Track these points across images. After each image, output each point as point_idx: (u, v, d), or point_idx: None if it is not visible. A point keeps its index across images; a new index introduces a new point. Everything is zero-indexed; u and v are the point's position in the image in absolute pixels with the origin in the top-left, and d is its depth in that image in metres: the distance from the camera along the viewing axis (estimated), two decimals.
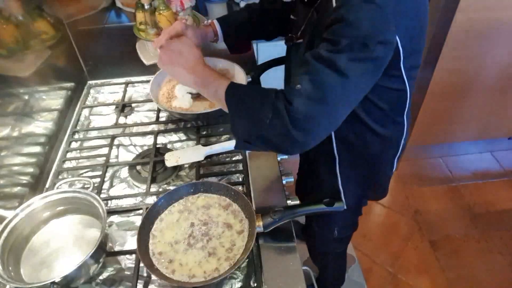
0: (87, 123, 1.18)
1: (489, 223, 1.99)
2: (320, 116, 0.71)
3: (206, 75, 0.83)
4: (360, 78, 0.71)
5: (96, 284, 0.79)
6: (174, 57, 0.85)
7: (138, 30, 1.53)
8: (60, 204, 0.86)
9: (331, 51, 0.69)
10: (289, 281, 0.74)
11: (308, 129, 0.72)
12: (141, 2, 1.44)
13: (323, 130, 0.74)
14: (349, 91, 0.71)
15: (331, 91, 0.70)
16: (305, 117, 0.70)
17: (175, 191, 0.87)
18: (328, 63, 0.69)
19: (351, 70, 0.69)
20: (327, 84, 0.70)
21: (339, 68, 0.68)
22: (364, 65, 0.70)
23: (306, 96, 0.70)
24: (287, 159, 1.08)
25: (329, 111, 0.71)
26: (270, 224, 0.78)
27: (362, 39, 0.68)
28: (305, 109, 0.70)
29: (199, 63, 0.85)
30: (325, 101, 0.70)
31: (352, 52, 0.68)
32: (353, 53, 0.68)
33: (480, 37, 1.73)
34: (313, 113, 0.70)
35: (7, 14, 0.95)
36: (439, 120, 2.09)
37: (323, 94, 0.70)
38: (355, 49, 0.68)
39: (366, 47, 0.68)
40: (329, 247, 1.43)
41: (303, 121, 0.70)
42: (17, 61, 0.99)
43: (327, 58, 0.70)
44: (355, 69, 0.69)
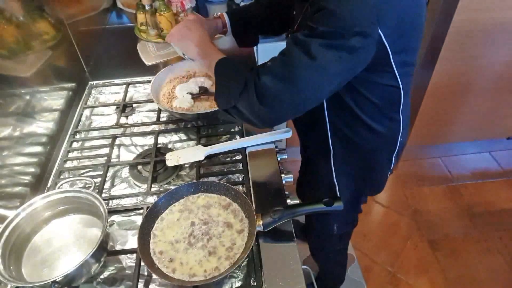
0: (88, 123, 1.19)
1: (488, 223, 1.99)
2: (284, 94, 0.74)
3: (208, 48, 0.92)
4: (330, 65, 0.72)
5: (97, 283, 0.79)
6: (183, 31, 0.96)
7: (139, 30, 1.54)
8: (61, 203, 0.86)
9: (307, 35, 0.72)
10: (288, 280, 0.75)
11: (272, 105, 0.75)
12: (142, 3, 1.44)
13: (287, 109, 0.77)
14: (316, 75, 0.73)
15: (297, 71, 0.72)
16: (269, 93, 0.74)
17: (175, 191, 0.88)
18: (302, 46, 0.72)
19: (321, 55, 0.70)
20: (294, 64, 0.72)
21: (310, 51, 0.71)
22: (337, 53, 0.71)
23: (274, 73, 0.74)
24: (287, 159, 1.09)
25: (293, 90, 0.73)
26: (270, 223, 0.79)
27: (339, 28, 0.70)
28: (271, 85, 0.74)
29: (204, 39, 0.94)
30: (290, 80, 0.73)
31: (326, 38, 0.70)
32: (327, 40, 0.70)
33: (479, 37, 1.73)
34: (277, 91, 0.74)
35: (8, 15, 0.96)
36: (438, 120, 2.10)
37: (289, 73, 0.73)
38: (330, 37, 0.70)
39: (341, 36, 0.70)
40: (329, 244, 1.44)
41: (267, 97, 0.75)
42: (18, 61, 1.00)
43: (302, 41, 0.72)
44: (326, 55, 0.71)
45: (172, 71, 1.25)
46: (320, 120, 0.97)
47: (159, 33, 1.49)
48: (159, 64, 1.40)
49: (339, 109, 0.93)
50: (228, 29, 1.12)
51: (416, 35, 0.82)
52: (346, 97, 0.89)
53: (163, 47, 1.49)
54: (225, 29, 1.12)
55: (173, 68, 1.26)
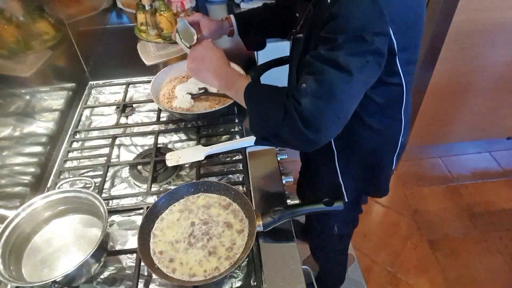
0: (88, 123, 1.19)
1: (488, 223, 1.99)
2: (327, 112, 0.73)
3: (229, 77, 0.89)
4: (361, 72, 0.72)
5: (97, 283, 0.79)
6: (198, 64, 0.92)
7: (139, 30, 1.54)
8: (61, 203, 0.86)
9: (330, 49, 0.72)
10: (288, 280, 0.75)
11: (318, 126, 0.74)
12: (142, 3, 1.45)
13: (333, 126, 0.76)
14: (352, 86, 0.73)
15: (335, 87, 0.72)
16: (313, 115, 0.73)
17: (175, 191, 0.88)
18: (329, 62, 0.71)
19: (351, 65, 0.70)
20: (330, 81, 0.72)
21: (340, 64, 0.70)
22: (364, 58, 0.71)
23: (312, 95, 0.72)
24: (286, 159, 1.09)
25: (335, 106, 0.73)
26: (270, 223, 0.79)
27: (358, 32, 0.69)
28: (313, 107, 0.72)
29: (221, 65, 0.91)
30: (331, 97, 0.72)
31: (349, 47, 0.70)
32: (351, 47, 0.70)
33: (479, 37, 1.73)
34: (320, 110, 0.73)
35: (8, 15, 0.96)
36: (438, 120, 2.10)
37: (328, 91, 0.72)
38: (352, 44, 0.70)
39: (363, 40, 0.70)
40: (330, 244, 1.44)
41: (312, 119, 0.73)
42: (18, 61, 1.00)
43: (327, 57, 0.72)
44: (355, 63, 0.71)
45: (172, 71, 1.25)
46: None
47: (159, 33, 1.50)
48: (159, 64, 1.40)
49: None
50: (234, 31, 1.12)
51: (417, 33, 0.83)
52: None
53: (163, 47, 1.49)
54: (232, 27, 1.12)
55: (173, 68, 1.26)
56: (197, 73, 0.93)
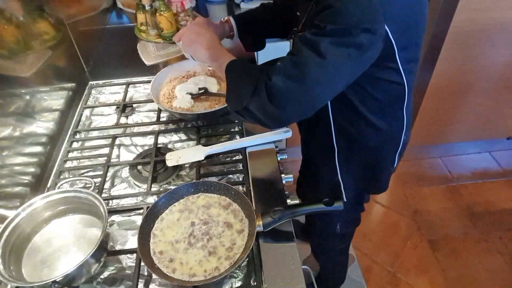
0: (88, 123, 1.19)
1: (488, 223, 1.99)
2: (295, 93, 0.74)
3: (218, 51, 0.92)
4: (340, 62, 0.72)
5: (97, 283, 0.79)
6: (193, 37, 0.96)
7: (139, 30, 1.54)
8: (61, 203, 0.86)
9: (315, 34, 0.72)
10: (288, 280, 0.75)
11: (283, 105, 0.75)
12: (142, 3, 1.45)
13: (298, 109, 0.77)
14: (327, 73, 0.73)
15: (308, 70, 0.72)
16: (281, 93, 0.74)
17: (175, 191, 0.88)
18: (311, 45, 0.72)
19: (331, 53, 0.71)
20: (305, 63, 0.72)
21: (320, 50, 0.71)
22: (346, 50, 0.71)
23: (284, 73, 0.74)
24: (286, 159, 1.09)
25: (305, 89, 0.74)
26: (270, 223, 0.79)
27: (347, 25, 0.70)
28: (282, 85, 0.73)
29: (214, 42, 0.94)
30: (301, 79, 0.73)
31: (335, 36, 0.71)
32: (335, 37, 0.71)
33: (479, 37, 1.73)
34: (288, 90, 0.74)
35: (8, 15, 0.96)
36: (438, 120, 2.10)
37: (300, 72, 0.73)
38: (338, 34, 0.70)
39: (349, 33, 0.70)
40: (331, 243, 1.44)
41: (279, 97, 0.74)
42: (18, 61, 1.00)
43: (310, 40, 0.72)
44: (335, 53, 0.71)
45: (172, 71, 1.25)
46: (324, 117, 0.97)
47: (159, 33, 1.50)
48: (159, 64, 1.40)
49: (343, 107, 0.93)
50: (234, 33, 1.12)
51: (419, 32, 0.83)
52: (350, 94, 0.89)
53: (163, 47, 1.49)
54: (232, 33, 1.12)
55: (173, 68, 1.26)
56: (188, 43, 0.97)
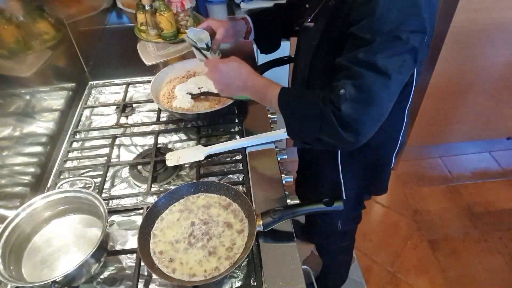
0: (88, 123, 1.19)
1: (488, 223, 1.99)
2: (367, 116, 0.74)
3: (258, 89, 0.88)
4: (399, 73, 0.72)
5: (97, 283, 0.79)
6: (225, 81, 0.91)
7: (139, 31, 1.54)
8: (61, 203, 0.86)
9: (367, 52, 0.71)
10: (288, 280, 0.75)
11: (358, 130, 0.74)
12: (142, 3, 1.45)
13: (371, 128, 0.76)
14: (391, 88, 0.73)
15: (375, 92, 0.72)
16: (353, 120, 0.73)
17: (175, 191, 0.88)
18: (368, 66, 0.71)
19: (390, 67, 0.70)
20: (371, 86, 0.71)
21: (380, 68, 0.70)
22: (401, 58, 0.71)
23: (352, 100, 0.72)
24: (286, 159, 1.09)
25: (375, 110, 0.74)
26: (270, 223, 0.79)
27: (394, 32, 0.69)
28: (352, 112, 0.72)
29: (248, 79, 0.89)
30: (372, 102, 0.72)
31: (387, 48, 0.70)
32: (388, 49, 0.69)
33: (479, 37, 1.73)
34: (361, 115, 0.73)
35: (8, 15, 0.96)
36: (438, 120, 2.10)
37: (369, 96, 0.72)
38: (389, 45, 0.69)
39: (399, 39, 0.69)
40: (334, 241, 1.44)
41: (352, 123, 0.73)
42: (18, 61, 1.00)
43: (365, 61, 0.71)
44: (393, 65, 0.70)
45: (172, 71, 1.25)
46: None
47: (159, 33, 1.50)
48: (159, 64, 1.40)
49: None
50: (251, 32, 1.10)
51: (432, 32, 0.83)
52: None
53: (163, 47, 1.49)
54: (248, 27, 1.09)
55: (173, 68, 1.26)
56: (226, 92, 0.93)
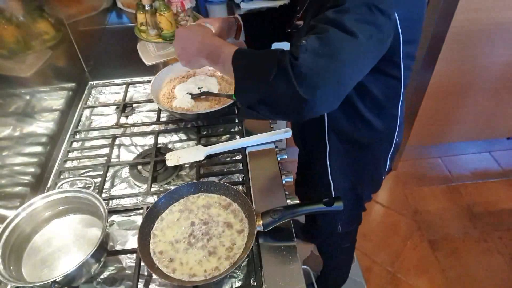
0: (88, 123, 1.19)
1: (488, 223, 1.99)
2: (327, 71, 0.66)
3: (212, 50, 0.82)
4: (367, 41, 0.68)
5: (97, 283, 0.79)
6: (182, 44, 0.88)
7: (139, 31, 1.54)
8: (61, 203, 0.86)
9: (336, 11, 0.68)
10: (288, 280, 0.75)
11: (315, 85, 0.66)
12: (142, 3, 1.45)
13: (330, 89, 0.68)
14: (357, 51, 0.68)
15: (340, 47, 0.67)
16: (311, 71, 0.66)
17: (175, 191, 0.88)
18: (335, 23, 0.67)
19: (359, 30, 0.66)
20: (335, 40, 0.67)
21: (347, 27, 0.66)
22: (370, 28, 0.68)
23: (313, 51, 0.66)
24: (286, 159, 1.09)
25: (337, 67, 0.67)
26: (270, 223, 0.79)
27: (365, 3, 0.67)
28: (312, 63, 0.66)
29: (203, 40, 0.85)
30: (333, 56, 0.66)
31: (358, 12, 0.67)
32: (359, 14, 0.67)
33: (479, 37, 1.73)
34: (320, 67, 0.66)
35: (8, 15, 0.96)
36: (438, 120, 2.10)
37: (330, 49, 0.66)
38: (360, 10, 0.67)
39: (370, 10, 0.67)
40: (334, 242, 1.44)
41: (309, 76, 0.66)
42: (18, 61, 1.00)
43: (333, 19, 0.68)
44: (362, 30, 0.67)
45: (172, 71, 1.25)
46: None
47: (159, 33, 1.49)
48: (159, 64, 1.40)
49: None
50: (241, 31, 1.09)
51: (419, 27, 0.82)
52: None
53: (163, 47, 1.49)
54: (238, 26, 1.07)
55: (173, 68, 1.25)
56: (183, 57, 0.89)
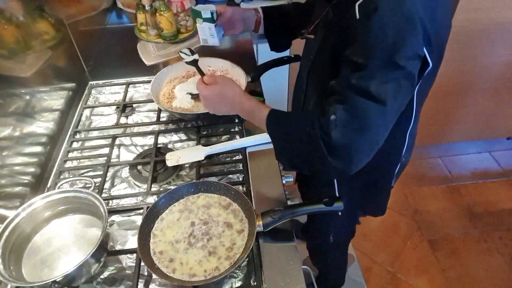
0: (88, 123, 1.19)
1: (488, 223, 1.99)
2: (360, 142, 0.69)
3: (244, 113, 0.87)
4: (395, 99, 0.67)
5: (97, 283, 0.79)
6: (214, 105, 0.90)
7: (139, 31, 1.54)
8: (61, 203, 0.86)
9: (360, 77, 0.66)
10: (288, 280, 0.75)
11: (350, 157, 0.70)
12: (142, 3, 1.45)
13: (364, 156, 0.72)
14: (386, 115, 0.69)
15: (369, 118, 0.68)
16: (344, 146, 0.69)
17: (175, 191, 0.88)
18: (360, 91, 0.66)
19: (385, 94, 0.66)
20: (363, 112, 0.67)
21: (372, 94, 0.66)
22: (397, 85, 0.67)
23: (343, 125, 0.68)
24: None
25: (369, 137, 0.70)
26: (270, 223, 0.79)
27: (391, 58, 0.64)
28: (344, 138, 0.68)
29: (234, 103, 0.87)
30: (364, 128, 0.68)
31: (382, 74, 0.65)
32: (383, 75, 0.65)
33: (479, 37, 1.73)
34: (352, 141, 0.69)
35: (8, 15, 0.96)
36: (438, 120, 2.10)
37: (361, 122, 0.68)
38: (384, 71, 0.65)
39: (396, 65, 0.64)
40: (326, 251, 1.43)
41: (344, 151, 0.69)
42: (18, 61, 1.00)
43: (357, 86, 0.67)
44: (388, 92, 0.66)
45: (172, 71, 1.25)
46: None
47: (159, 33, 1.50)
48: (159, 64, 1.40)
49: None
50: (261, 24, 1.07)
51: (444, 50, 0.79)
52: None
53: (163, 47, 1.49)
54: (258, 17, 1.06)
55: (173, 68, 1.25)
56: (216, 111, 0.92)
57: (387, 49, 0.64)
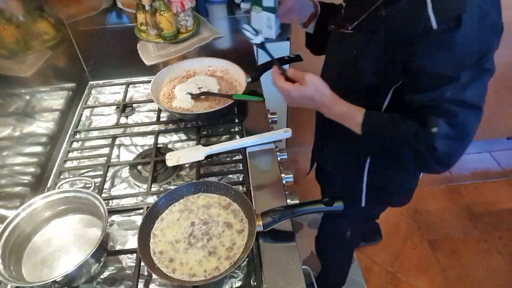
0: (88, 123, 1.19)
1: (488, 223, 1.99)
2: (462, 149, 0.76)
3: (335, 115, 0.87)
4: (484, 97, 0.73)
5: (97, 283, 0.79)
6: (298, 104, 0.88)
7: (139, 31, 1.54)
8: (61, 203, 0.86)
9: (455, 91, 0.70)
10: (288, 280, 0.75)
11: (451, 162, 0.77)
12: (142, 3, 1.45)
13: (462, 155, 0.78)
14: (480, 116, 0.74)
15: (470, 126, 0.74)
16: (448, 155, 0.76)
17: (175, 191, 0.88)
18: (458, 103, 0.71)
19: (479, 99, 0.72)
20: (464, 122, 0.73)
21: (471, 102, 0.71)
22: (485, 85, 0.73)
23: (447, 137, 0.73)
24: (287, 158, 1.09)
25: (468, 141, 0.76)
26: (270, 223, 0.79)
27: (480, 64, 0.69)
28: (448, 148, 0.74)
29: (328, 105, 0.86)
30: (466, 136, 0.75)
31: (475, 83, 0.70)
32: (476, 83, 0.70)
33: None
34: (455, 150, 0.76)
35: (8, 15, 0.96)
36: None
37: (464, 132, 0.74)
38: (476, 78, 0.70)
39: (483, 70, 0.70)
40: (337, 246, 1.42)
41: (447, 158, 0.76)
42: (18, 61, 1.00)
43: (454, 99, 0.71)
44: (481, 96, 0.72)
45: (172, 71, 1.25)
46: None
47: (159, 33, 1.50)
48: (159, 64, 1.40)
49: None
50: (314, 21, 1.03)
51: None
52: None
53: (163, 47, 1.49)
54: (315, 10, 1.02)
55: (173, 68, 1.25)
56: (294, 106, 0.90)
57: (476, 58, 0.69)
